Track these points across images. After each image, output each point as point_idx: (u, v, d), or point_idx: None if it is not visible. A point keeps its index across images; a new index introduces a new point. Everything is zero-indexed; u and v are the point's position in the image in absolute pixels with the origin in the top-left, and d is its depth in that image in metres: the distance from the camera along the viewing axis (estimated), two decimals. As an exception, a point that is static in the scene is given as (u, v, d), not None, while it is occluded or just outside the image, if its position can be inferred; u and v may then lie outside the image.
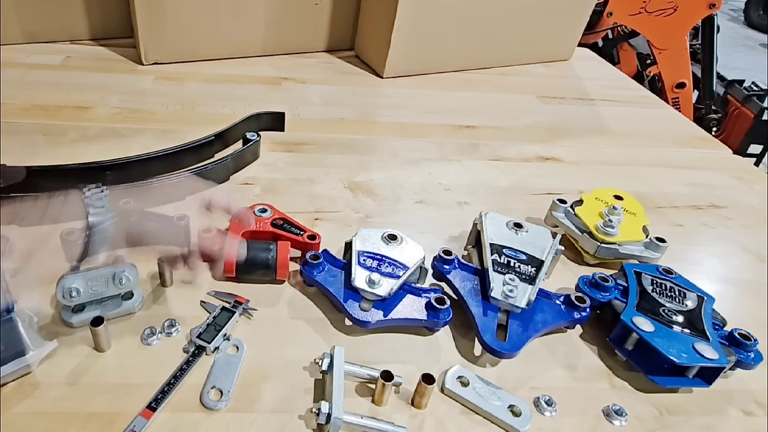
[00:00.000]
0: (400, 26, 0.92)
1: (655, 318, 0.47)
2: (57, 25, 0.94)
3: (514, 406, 0.43)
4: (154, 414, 0.39)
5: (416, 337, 0.49)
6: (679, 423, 0.44)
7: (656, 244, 0.58)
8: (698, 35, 1.93)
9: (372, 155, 0.76)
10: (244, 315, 0.48)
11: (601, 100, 1.03)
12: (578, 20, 1.13)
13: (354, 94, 0.93)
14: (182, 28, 0.90)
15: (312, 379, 0.44)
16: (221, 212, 0.46)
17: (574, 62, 1.19)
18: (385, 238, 0.52)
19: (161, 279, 0.50)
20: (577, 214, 0.60)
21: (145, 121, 0.77)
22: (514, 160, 0.80)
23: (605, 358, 0.49)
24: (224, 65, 0.96)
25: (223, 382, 0.42)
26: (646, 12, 1.63)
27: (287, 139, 0.77)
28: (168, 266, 0.48)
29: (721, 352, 0.45)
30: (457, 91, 0.99)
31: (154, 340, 0.45)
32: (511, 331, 0.47)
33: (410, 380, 0.43)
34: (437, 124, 0.87)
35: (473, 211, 0.64)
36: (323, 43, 1.06)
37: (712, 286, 0.57)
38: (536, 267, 0.51)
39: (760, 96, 2.00)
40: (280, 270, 0.50)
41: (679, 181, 0.80)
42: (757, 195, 0.78)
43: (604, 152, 0.85)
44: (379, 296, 0.47)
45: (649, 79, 1.98)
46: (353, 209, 0.65)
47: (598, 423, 0.43)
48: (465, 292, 0.50)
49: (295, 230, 0.54)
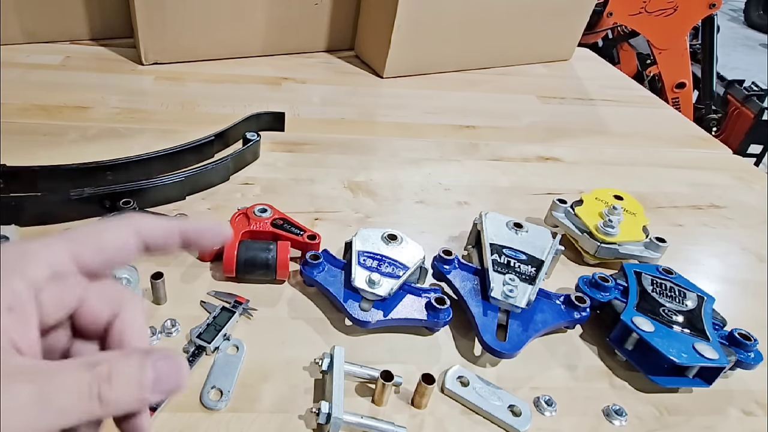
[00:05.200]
0: (400, 26, 0.92)
1: (655, 318, 0.47)
2: (57, 25, 0.94)
3: (514, 406, 0.43)
4: (154, 414, 0.39)
5: (416, 337, 0.49)
6: (679, 423, 0.44)
7: (656, 244, 0.58)
8: (698, 35, 1.93)
9: (372, 155, 0.76)
10: (244, 315, 0.48)
11: (601, 100, 1.03)
12: (578, 20, 1.13)
13: (354, 94, 0.93)
14: (182, 28, 0.90)
15: (312, 379, 0.44)
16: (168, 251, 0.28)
17: (574, 62, 1.19)
18: (385, 238, 0.52)
19: (154, 297, 0.48)
20: (577, 214, 0.60)
21: (145, 121, 0.77)
22: (514, 160, 0.80)
23: (605, 358, 0.49)
24: (224, 65, 0.96)
25: (223, 382, 0.42)
26: (646, 12, 1.64)
27: (287, 139, 0.77)
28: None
29: (721, 352, 0.45)
30: (457, 91, 0.99)
31: (154, 340, 0.45)
32: (511, 331, 0.47)
33: (410, 380, 0.43)
34: (437, 124, 0.87)
35: (473, 211, 0.64)
36: (323, 43, 1.06)
37: (712, 286, 0.57)
38: (536, 267, 0.51)
39: (760, 96, 2.00)
40: (280, 270, 0.50)
41: (679, 181, 0.80)
42: (757, 195, 0.78)
43: (604, 152, 0.85)
44: (379, 296, 0.47)
45: (649, 79, 1.98)
46: (353, 209, 0.65)
47: (598, 423, 0.43)
48: (465, 292, 0.50)
49: (295, 230, 0.54)
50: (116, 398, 0.20)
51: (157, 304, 0.48)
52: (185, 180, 0.61)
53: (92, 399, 0.20)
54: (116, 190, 0.56)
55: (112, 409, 0.20)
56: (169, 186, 0.60)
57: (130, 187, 0.57)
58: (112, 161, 0.61)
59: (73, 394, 0.19)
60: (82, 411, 0.20)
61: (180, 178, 0.60)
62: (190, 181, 0.62)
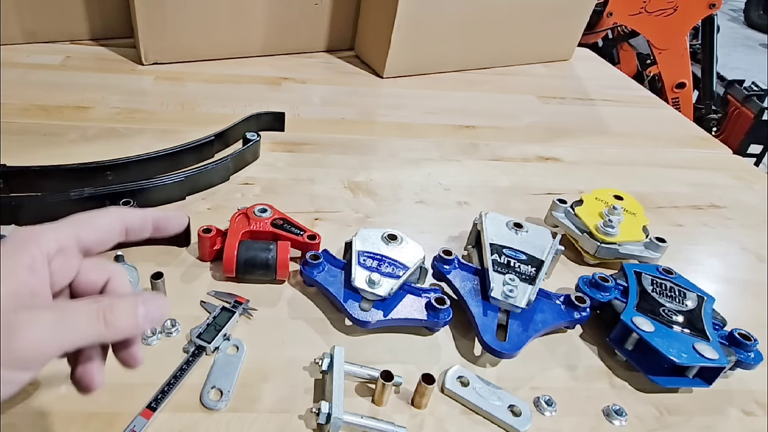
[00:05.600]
0: (400, 26, 0.92)
1: (655, 318, 0.47)
2: (57, 25, 0.94)
3: (514, 406, 0.43)
4: (154, 414, 0.39)
5: (416, 337, 0.49)
6: (679, 423, 0.44)
7: (656, 244, 0.58)
8: (698, 35, 1.93)
9: (372, 155, 0.76)
10: (244, 315, 0.48)
11: (601, 100, 1.03)
12: (578, 20, 1.13)
13: (354, 94, 0.93)
14: (182, 28, 0.90)
15: (312, 379, 0.44)
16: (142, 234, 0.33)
17: (574, 62, 1.19)
18: (385, 238, 0.52)
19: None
20: (577, 214, 0.60)
21: (145, 121, 0.77)
22: (514, 160, 0.80)
23: (605, 358, 0.49)
24: (224, 65, 0.96)
25: (223, 382, 0.42)
26: (646, 12, 1.64)
27: (287, 139, 0.77)
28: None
29: (721, 352, 0.45)
30: (457, 91, 0.99)
31: (154, 340, 0.45)
32: (511, 331, 0.47)
33: (410, 380, 0.43)
34: (437, 124, 0.87)
35: (473, 211, 0.64)
36: (323, 43, 1.06)
37: (712, 286, 0.57)
38: (536, 267, 0.51)
39: (760, 96, 2.00)
40: (280, 270, 0.50)
41: (679, 181, 0.80)
42: (757, 195, 0.78)
43: (604, 152, 0.85)
44: (379, 296, 0.47)
45: (649, 79, 1.98)
46: (353, 209, 0.65)
47: (598, 423, 0.43)
48: (465, 292, 0.50)
49: (295, 230, 0.54)
50: (118, 322, 0.27)
51: None
52: (185, 180, 0.61)
53: (99, 321, 0.26)
54: (116, 190, 0.56)
55: (115, 331, 0.27)
56: (169, 186, 0.60)
57: (130, 187, 0.57)
58: (112, 161, 0.61)
59: (85, 317, 0.26)
60: (92, 331, 0.26)
61: (180, 178, 0.60)
62: (190, 181, 0.62)
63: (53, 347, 0.25)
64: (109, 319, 0.26)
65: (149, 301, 0.28)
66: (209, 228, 0.52)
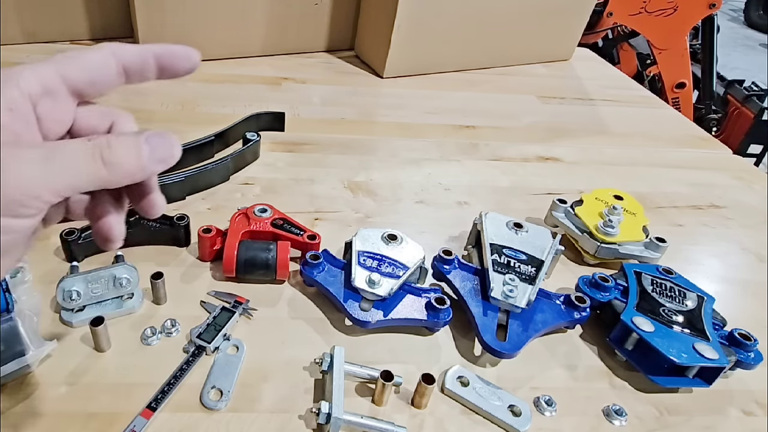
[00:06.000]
0: (400, 26, 0.92)
1: (655, 318, 0.47)
2: (57, 25, 0.94)
3: (514, 406, 0.43)
4: (154, 414, 0.39)
5: (416, 337, 0.49)
6: (679, 423, 0.44)
7: (656, 244, 0.58)
8: (698, 35, 1.93)
9: (372, 155, 0.76)
10: (244, 315, 0.48)
11: (601, 100, 1.03)
12: (578, 20, 1.13)
13: (354, 94, 0.93)
14: (182, 28, 0.90)
15: (312, 379, 0.44)
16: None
17: (574, 62, 1.19)
18: (385, 238, 0.52)
19: (154, 297, 0.48)
20: (577, 214, 0.60)
21: (145, 121, 0.77)
22: (514, 160, 0.80)
23: (605, 358, 0.49)
24: (224, 65, 0.96)
25: (223, 382, 0.42)
26: (646, 12, 1.64)
27: (287, 139, 0.77)
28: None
29: (721, 352, 0.45)
30: (457, 91, 1.00)
31: (154, 340, 0.45)
32: (511, 331, 0.47)
33: (410, 380, 0.43)
34: (437, 124, 0.87)
35: (473, 211, 0.64)
36: (323, 43, 1.06)
37: (712, 286, 0.57)
38: (536, 267, 0.51)
39: (760, 96, 2.00)
40: (280, 270, 0.50)
41: (679, 181, 0.80)
42: (757, 195, 0.78)
43: (604, 152, 0.85)
44: (379, 296, 0.47)
45: (649, 79, 1.98)
46: (353, 209, 0.65)
47: (598, 423, 0.43)
48: (465, 292, 0.50)
49: (295, 230, 0.54)
50: (117, 161, 0.23)
51: (157, 304, 0.48)
52: (185, 180, 0.61)
53: (96, 160, 0.23)
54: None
55: (116, 172, 0.23)
56: (169, 186, 0.60)
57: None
58: (112, 161, 0.60)
59: (79, 155, 0.22)
60: (89, 172, 0.23)
61: (180, 178, 0.60)
62: (190, 181, 0.62)
63: (44, 189, 0.22)
64: (107, 158, 0.23)
65: (154, 138, 0.24)
66: (209, 228, 0.52)
